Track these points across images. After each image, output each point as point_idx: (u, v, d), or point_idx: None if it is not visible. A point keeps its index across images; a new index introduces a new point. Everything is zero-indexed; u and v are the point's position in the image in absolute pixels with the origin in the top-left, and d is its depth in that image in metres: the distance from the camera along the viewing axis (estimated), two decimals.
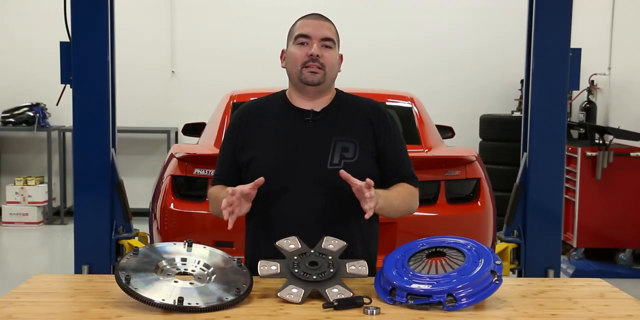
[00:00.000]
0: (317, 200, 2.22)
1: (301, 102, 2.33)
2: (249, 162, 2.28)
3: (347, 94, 2.41)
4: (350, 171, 2.21)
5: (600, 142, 5.70)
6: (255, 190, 2.12)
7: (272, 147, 2.28)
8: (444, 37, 7.55)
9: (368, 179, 2.05)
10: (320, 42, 2.27)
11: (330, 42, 2.28)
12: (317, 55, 2.25)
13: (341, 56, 2.36)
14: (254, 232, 2.33)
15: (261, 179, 2.11)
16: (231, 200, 2.07)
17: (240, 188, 2.10)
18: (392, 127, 2.36)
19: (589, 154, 5.68)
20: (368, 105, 2.38)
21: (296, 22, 2.34)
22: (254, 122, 2.33)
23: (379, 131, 2.32)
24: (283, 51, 2.37)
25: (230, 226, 2.06)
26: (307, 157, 2.25)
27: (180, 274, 1.98)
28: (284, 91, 2.40)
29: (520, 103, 7.13)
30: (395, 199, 2.25)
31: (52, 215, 7.30)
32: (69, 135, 7.13)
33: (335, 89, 2.39)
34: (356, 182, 2.06)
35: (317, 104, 2.33)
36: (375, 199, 2.05)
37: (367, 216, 2.04)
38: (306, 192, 2.22)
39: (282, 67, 2.37)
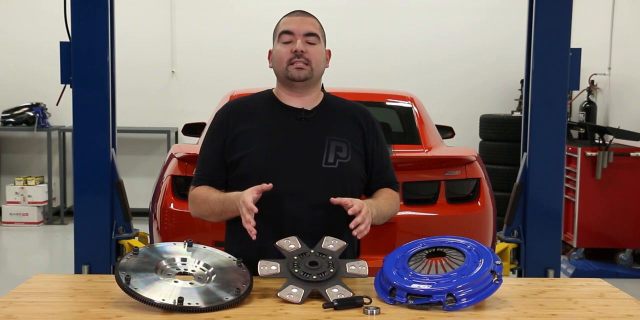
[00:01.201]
0: (310, 199, 2.20)
1: (290, 100, 2.32)
2: (239, 159, 2.25)
3: (334, 96, 2.41)
4: (344, 171, 2.24)
5: (600, 142, 5.70)
6: (260, 195, 2.10)
7: (264, 144, 2.25)
8: (444, 37, 7.55)
9: (355, 208, 2.06)
10: (303, 37, 2.25)
11: (314, 37, 2.27)
12: (302, 51, 2.24)
13: (329, 51, 2.36)
14: (243, 230, 2.30)
15: (269, 186, 2.09)
16: (249, 219, 2.04)
17: (250, 199, 2.05)
18: (379, 131, 2.38)
19: (589, 154, 5.68)
20: (356, 108, 2.39)
21: (279, 20, 2.34)
22: (243, 120, 2.30)
23: (368, 135, 2.34)
24: (270, 52, 2.36)
25: (255, 237, 2.05)
26: (301, 155, 2.24)
27: (180, 274, 1.98)
28: (269, 90, 2.39)
29: (520, 103, 7.14)
30: (384, 207, 2.27)
31: (52, 215, 7.30)
32: (69, 135, 7.13)
33: (322, 91, 2.39)
34: (347, 203, 2.08)
35: (307, 103, 2.32)
36: (369, 221, 2.07)
37: (359, 236, 2.06)
38: (300, 191, 2.21)
39: (270, 67, 2.35)
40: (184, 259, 2.03)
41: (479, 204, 3.88)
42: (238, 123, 2.30)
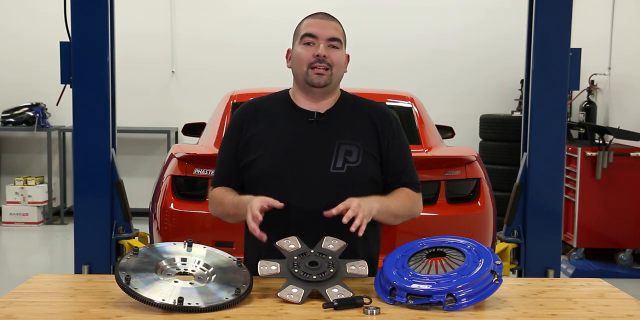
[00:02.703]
0: (318, 203, 2.17)
1: (305, 103, 2.31)
2: (251, 162, 2.26)
3: (352, 96, 2.38)
4: (354, 175, 2.21)
5: (600, 142, 5.71)
6: (269, 208, 2.10)
7: (275, 148, 2.25)
8: (445, 36, 7.55)
9: (339, 207, 2.05)
10: (326, 42, 2.24)
11: (337, 42, 2.26)
12: (324, 56, 2.22)
13: (348, 56, 2.34)
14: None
15: (281, 205, 2.09)
16: (254, 227, 2.05)
17: (257, 206, 2.06)
18: (396, 131, 2.33)
19: (589, 154, 5.68)
20: (373, 108, 2.36)
21: (302, 21, 2.31)
22: (256, 122, 2.30)
23: (383, 136, 2.30)
24: (289, 51, 2.34)
25: (265, 239, 2.06)
26: (309, 159, 2.23)
27: (180, 274, 1.98)
28: (286, 91, 2.38)
29: (520, 103, 7.14)
30: (394, 204, 2.22)
31: (52, 215, 7.30)
32: (69, 135, 7.13)
33: (340, 89, 2.37)
34: (333, 213, 2.06)
35: (322, 105, 2.30)
36: (362, 215, 2.04)
37: (359, 233, 2.03)
38: (307, 195, 2.20)
39: (288, 67, 2.34)
40: (184, 259, 2.03)
41: (479, 204, 3.88)
42: (251, 126, 2.30)
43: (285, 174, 2.21)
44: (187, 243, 2.08)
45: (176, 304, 1.82)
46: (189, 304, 1.83)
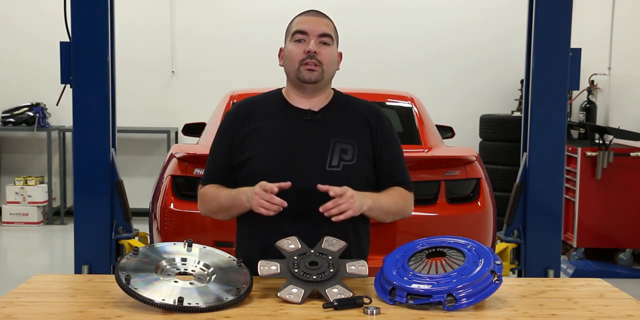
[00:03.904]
0: (313, 202, 2.16)
1: (299, 101, 2.31)
2: (245, 161, 2.26)
3: (344, 95, 2.39)
4: (349, 174, 2.21)
5: (600, 142, 5.71)
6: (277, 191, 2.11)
7: (270, 146, 2.25)
8: (445, 36, 7.55)
9: (336, 190, 2.07)
10: (317, 38, 2.24)
11: (328, 38, 2.26)
12: (315, 52, 2.22)
13: (340, 54, 2.34)
14: (248, 231, 2.30)
15: (288, 184, 2.10)
16: (259, 191, 2.08)
17: (271, 185, 2.09)
18: (389, 131, 2.34)
19: (589, 154, 5.68)
20: (366, 107, 2.36)
21: (293, 19, 2.32)
22: (251, 120, 2.30)
23: (377, 135, 2.31)
24: (281, 49, 2.34)
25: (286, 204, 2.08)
26: (305, 157, 2.23)
27: (180, 274, 1.98)
28: (279, 90, 2.38)
29: (520, 103, 7.14)
30: (386, 201, 2.24)
31: (52, 215, 7.30)
32: (69, 135, 7.13)
33: (333, 89, 2.37)
34: (334, 190, 2.08)
35: (315, 103, 2.31)
36: (349, 209, 2.07)
37: (334, 218, 2.07)
38: (303, 193, 2.18)
39: (280, 65, 2.34)
40: (184, 259, 2.03)
41: (479, 204, 3.88)
42: (246, 124, 2.29)
43: (280, 172, 2.20)
44: (187, 243, 2.08)
45: (176, 304, 1.82)
46: (189, 304, 1.83)
